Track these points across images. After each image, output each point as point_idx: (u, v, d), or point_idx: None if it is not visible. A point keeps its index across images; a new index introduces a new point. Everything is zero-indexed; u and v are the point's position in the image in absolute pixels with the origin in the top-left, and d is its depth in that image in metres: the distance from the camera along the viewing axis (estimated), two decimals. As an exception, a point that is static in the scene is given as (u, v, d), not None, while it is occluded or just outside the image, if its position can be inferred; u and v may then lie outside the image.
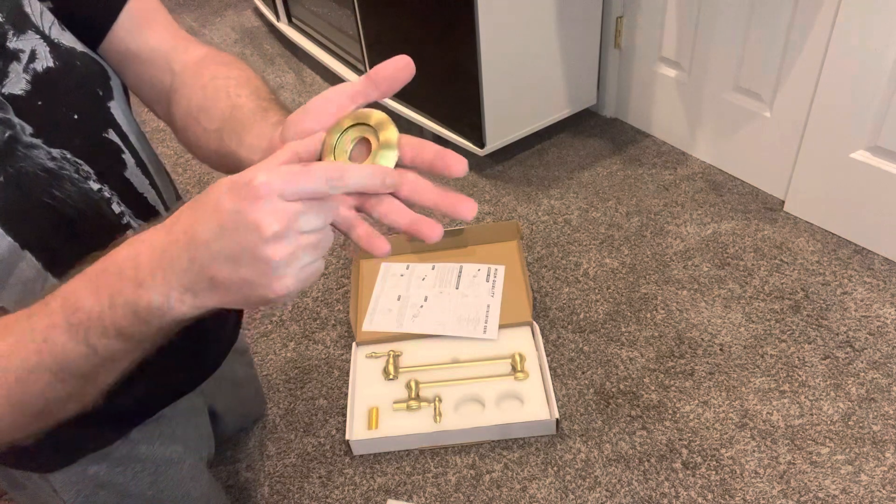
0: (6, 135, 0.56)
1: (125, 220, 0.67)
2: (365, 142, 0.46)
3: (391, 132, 0.45)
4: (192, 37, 0.69)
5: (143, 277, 0.42)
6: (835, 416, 1.18)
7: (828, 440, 1.15)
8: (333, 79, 2.24)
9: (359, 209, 0.45)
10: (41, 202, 0.59)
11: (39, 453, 0.75)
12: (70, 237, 0.62)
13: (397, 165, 0.45)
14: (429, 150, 0.45)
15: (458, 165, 0.44)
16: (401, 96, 1.89)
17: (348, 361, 1.36)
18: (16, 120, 0.57)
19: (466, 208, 0.44)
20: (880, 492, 1.08)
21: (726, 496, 1.09)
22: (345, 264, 1.60)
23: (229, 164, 0.56)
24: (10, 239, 0.56)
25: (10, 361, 0.45)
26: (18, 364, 0.45)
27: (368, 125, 0.46)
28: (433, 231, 0.44)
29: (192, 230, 0.40)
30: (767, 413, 1.20)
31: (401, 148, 0.45)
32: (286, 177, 0.39)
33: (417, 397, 1.24)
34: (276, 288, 0.40)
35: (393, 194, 0.45)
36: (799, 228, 1.55)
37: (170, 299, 0.42)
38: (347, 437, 1.19)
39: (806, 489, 1.09)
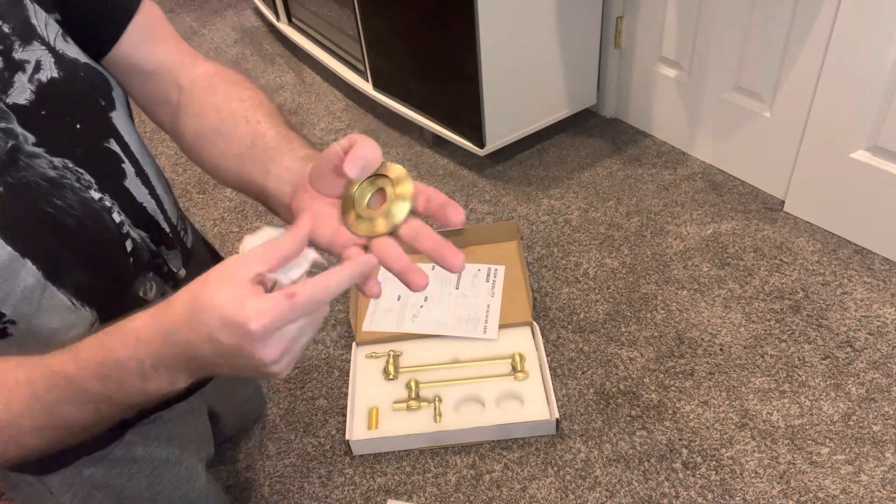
0: (9, 144, 0.56)
1: (125, 229, 0.67)
2: (382, 192, 0.51)
3: (406, 186, 0.50)
4: (197, 52, 0.70)
5: (148, 373, 0.46)
6: (835, 416, 1.18)
7: (828, 440, 1.15)
8: (333, 79, 2.24)
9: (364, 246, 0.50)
10: (42, 211, 0.59)
11: None
12: (70, 246, 0.62)
13: (411, 212, 0.50)
14: (437, 199, 0.50)
15: (455, 217, 0.49)
16: (401, 96, 1.89)
17: (348, 361, 1.36)
18: (19, 130, 0.57)
19: (455, 261, 0.48)
20: (880, 492, 1.08)
21: (726, 496, 1.09)
22: (344, 264, 1.60)
23: (253, 191, 0.59)
24: (9, 248, 0.56)
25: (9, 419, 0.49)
26: (16, 419, 0.49)
27: (387, 177, 0.51)
28: (421, 280, 0.48)
29: (190, 349, 0.45)
30: (767, 413, 1.20)
31: (415, 198, 0.50)
32: (277, 317, 0.43)
33: (417, 397, 1.24)
34: (278, 376, 0.47)
35: (394, 236, 0.50)
36: (799, 228, 1.55)
37: (175, 384, 0.48)
38: (347, 437, 1.19)
39: (806, 489, 1.09)
